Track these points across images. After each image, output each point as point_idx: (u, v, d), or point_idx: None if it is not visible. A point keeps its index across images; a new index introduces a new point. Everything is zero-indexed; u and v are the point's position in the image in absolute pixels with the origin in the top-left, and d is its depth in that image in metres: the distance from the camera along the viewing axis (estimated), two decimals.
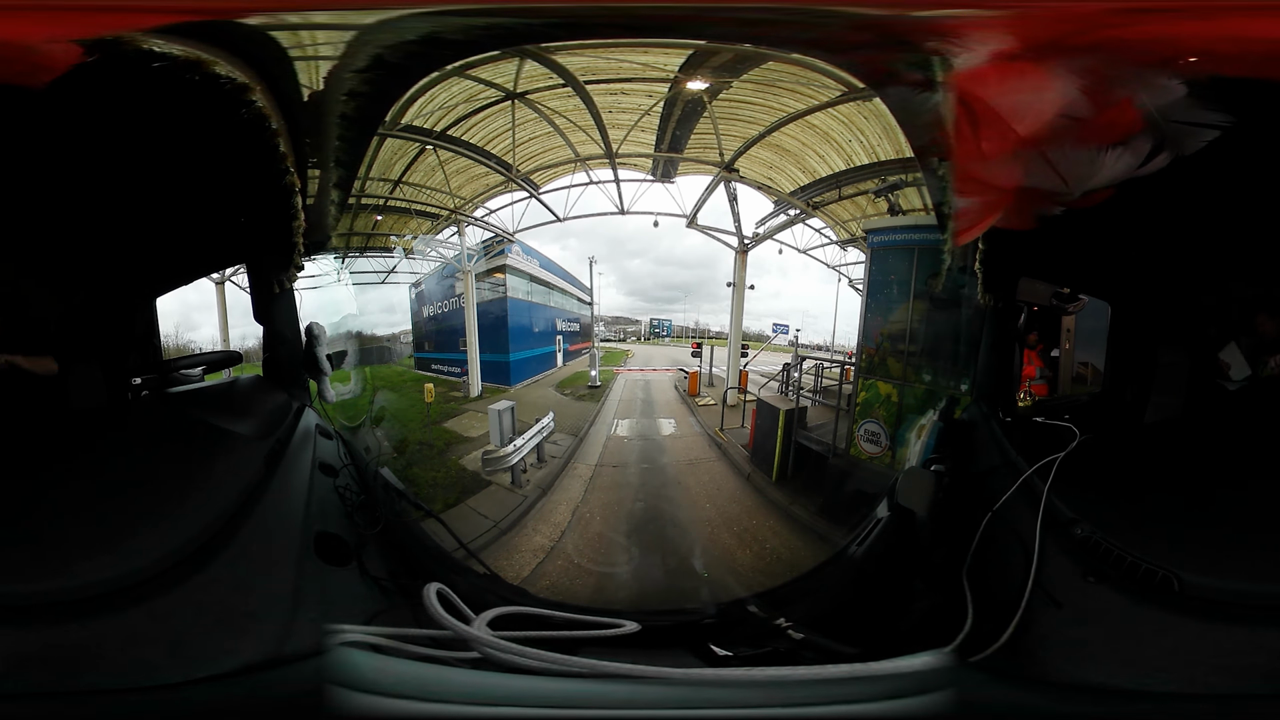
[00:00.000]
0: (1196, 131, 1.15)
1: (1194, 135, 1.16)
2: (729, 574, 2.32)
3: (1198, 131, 1.15)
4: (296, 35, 1.46)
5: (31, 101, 1.14)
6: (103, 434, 1.81)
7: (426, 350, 3.11)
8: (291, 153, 1.76)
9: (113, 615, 1.12)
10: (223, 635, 1.14)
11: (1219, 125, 1.14)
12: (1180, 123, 1.14)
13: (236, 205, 1.91)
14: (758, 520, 2.54)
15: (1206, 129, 1.15)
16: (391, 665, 1.16)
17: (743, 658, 1.63)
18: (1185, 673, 1.13)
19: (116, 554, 1.21)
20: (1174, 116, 1.14)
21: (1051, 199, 1.29)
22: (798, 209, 2.69)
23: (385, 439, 2.72)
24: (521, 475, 2.70)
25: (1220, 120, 1.14)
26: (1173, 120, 1.14)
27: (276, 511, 1.49)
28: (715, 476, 2.76)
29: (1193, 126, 1.15)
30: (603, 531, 2.48)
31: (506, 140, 2.53)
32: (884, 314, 2.57)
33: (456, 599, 1.43)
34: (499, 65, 2.18)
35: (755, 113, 2.37)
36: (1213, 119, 1.14)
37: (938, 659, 1.24)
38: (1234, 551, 1.31)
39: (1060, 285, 2.89)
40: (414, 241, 2.80)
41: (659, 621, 1.83)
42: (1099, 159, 1.21)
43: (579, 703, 1.13)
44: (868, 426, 2.57)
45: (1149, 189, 1.27)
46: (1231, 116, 1.13)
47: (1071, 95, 1.07)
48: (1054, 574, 1.38)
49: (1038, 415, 2.16)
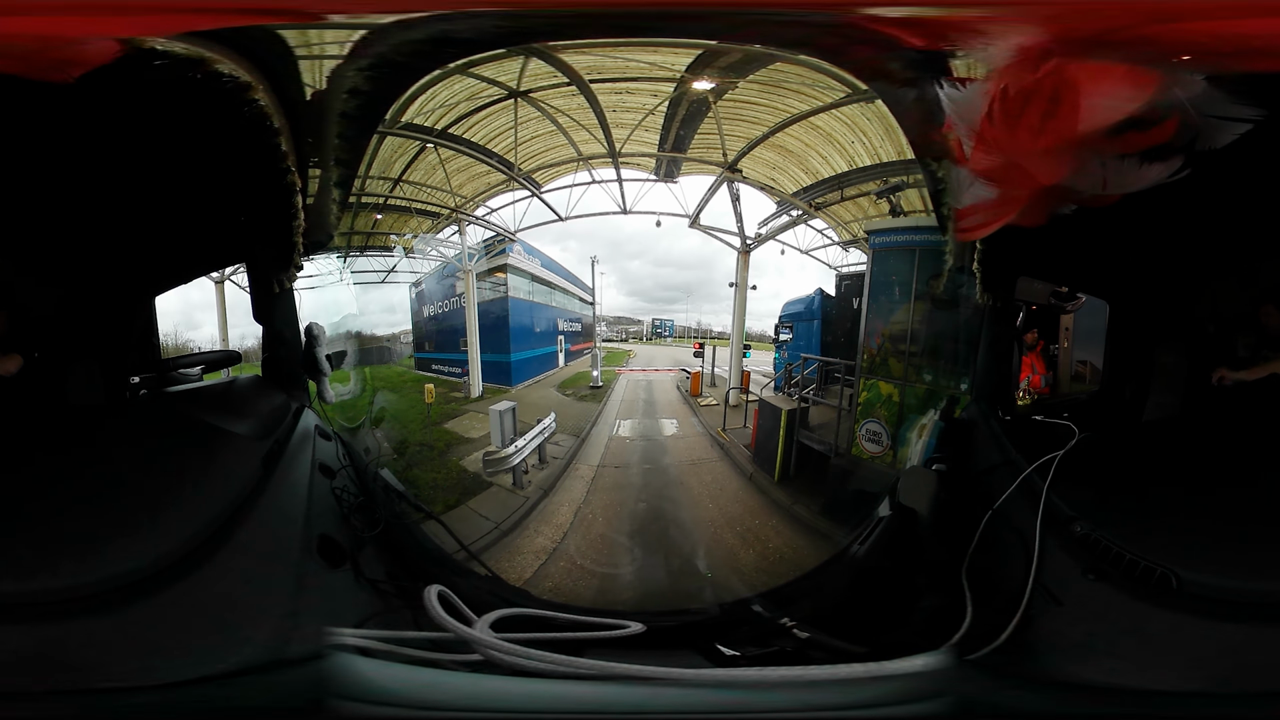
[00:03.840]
0: (1229, 125, 1.13)
1: (1226, 129, 1.14)
2: (733, 574, 2.32)
3: (1230, 125, 1.13)
4: (304, 34, 1.45)
5: (35, 101, 1.13)
6: (99, 432, 1.79)
7: (427, 350, 3.10)
8: (292, 151, 1.75)
9: (108, 615, 1.11)
10: (221, 636, 1.13)
11: (1254, 119, 1.12)
12: (1216, 117, 1.12)
13: (237, 204, 1.90)
14: (760, 520, 2.55)
15: (1239, 123, 1.12)
16: (391, 668, 1.15)
17: (750, 657, 1.63)
18: (1184, 670, 1.14)
19: (110, 554, 1.20)
20: (1207, 111, 1.12)
21: (1069, 198, 1.28)
22: (800, 210, 2.70)
23: (385, 440, 2.71)
24: (523, 476, 2.69)
25: (1254, 114, 1.11)
26: (1207, 115, 1.12)
27: (274, 513, 1.47)
28: (718, 477, 2.76)
29: (1227, 121, 1.12)
30: (605, 532, 2.47)
31: (508, 139, 2.53)
32: (885, 315, 2.57)
33: (458, 601, 1.41)
34: (502, 63, 2.18)
35: (759, 113, 2.38)
36: (1246, 113, 1.12)
37: (940, 658, 1.24)
38: (1232, 549, 1.33)
39: (1058, 284, 2.92)
40: (414, 240, 2.79)
41: (664, 622, 1.82)
42: (1135, 163, 1.20)
43: (586, 706, 1.12)
44: (869, 426, 2.58)
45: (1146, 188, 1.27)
46: (1264, 110, 1.11)
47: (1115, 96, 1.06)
48: (1054, 571, 1.38)
49: (1037, 414, 2.18)
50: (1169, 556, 1.30)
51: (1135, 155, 1.19)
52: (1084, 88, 1.07)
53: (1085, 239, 1.81)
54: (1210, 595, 1.23)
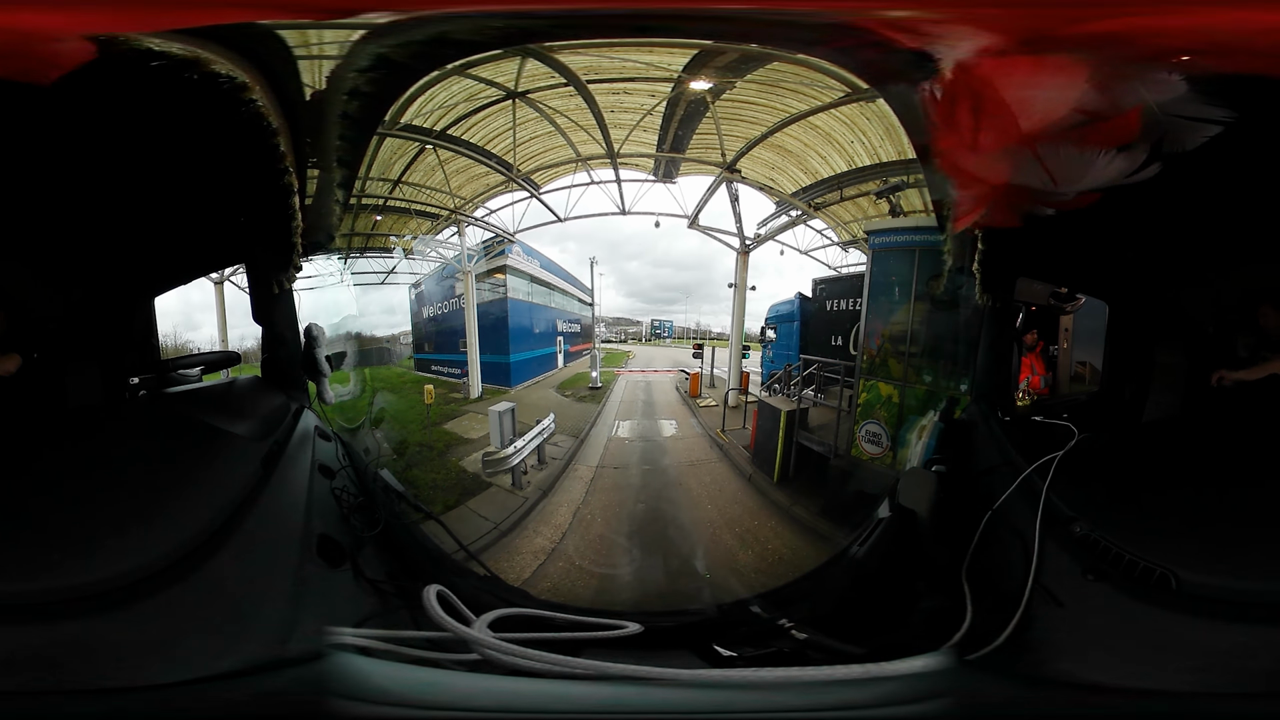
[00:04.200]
0: (1198, 127, 1.13)
1: (1195, 131, 1.14)
2: (731, 575, 2.32)
3: (1198, 127, 1.13)
4: (303, 35, 1.45)
5: (31, 99, 1.13)
6: (98, 433, 1.80)
7: (426, 351, 3.11)
8: (291, 152, 1.75)
9: (108, 615, 1.11)
10: (220, 636, 1.13)
11: (1221, 121, 1.11)
12: (1183, 118, 1.12)
13: (236, 205, 1.90)
14: (759, 521, 2.55)
15: (1208, 124, 1.12)
16: (391, 667, 1.15)
17: (748, 658, 1.62)
18: (1184, 670, 1.13)
19: (111, 554, 1.20)
20: (1176, 111, 1.11)
21: (1038, 199, 1.27)
22: (799, 210, 2.70)
23: (385, 441, 2.71)
24: (522, 477, 2.69)
25: (1223, 116, 1.11)
26: (1175, 115, 1.11)
27: (273, 513, 1.47)
28: (717, 478, 2.76)
29: (1194, 122, 1.12)
30: (604, 533, 2.47)
31: (507, 140, 2.53)
32: (885, 315, 2.57)
33: (457, 601, 1.42)
34: (500, 64, 2.18)
35: (758, 113, 2.38)
36: (1215, 114, 1.11)
37: (940, 659, 1.24)
38: (1232, 549, 1.32)
39: (1058, 285, 2.92)
40: (414, 242, 2.79)
41: (662, 623, 1.82)
42: (1093, 161, 1.19)
43: (583, 706, 1.13)
44: (869, 427, 2.58)
45: (1145, 188, 1.27)
46: (1233, 112, 1.10)
47: (1076, 92, 1.05)
48: (1054, 571, 1.38)
49: (1036, 414, 2.18)
50: (1169, 557, 1.30)
51: (1095, 153, 1.18)
52: (1002, 84, 1.06)
53: (1084, 239, 1.81)
54: (1210, 595, 1.23)
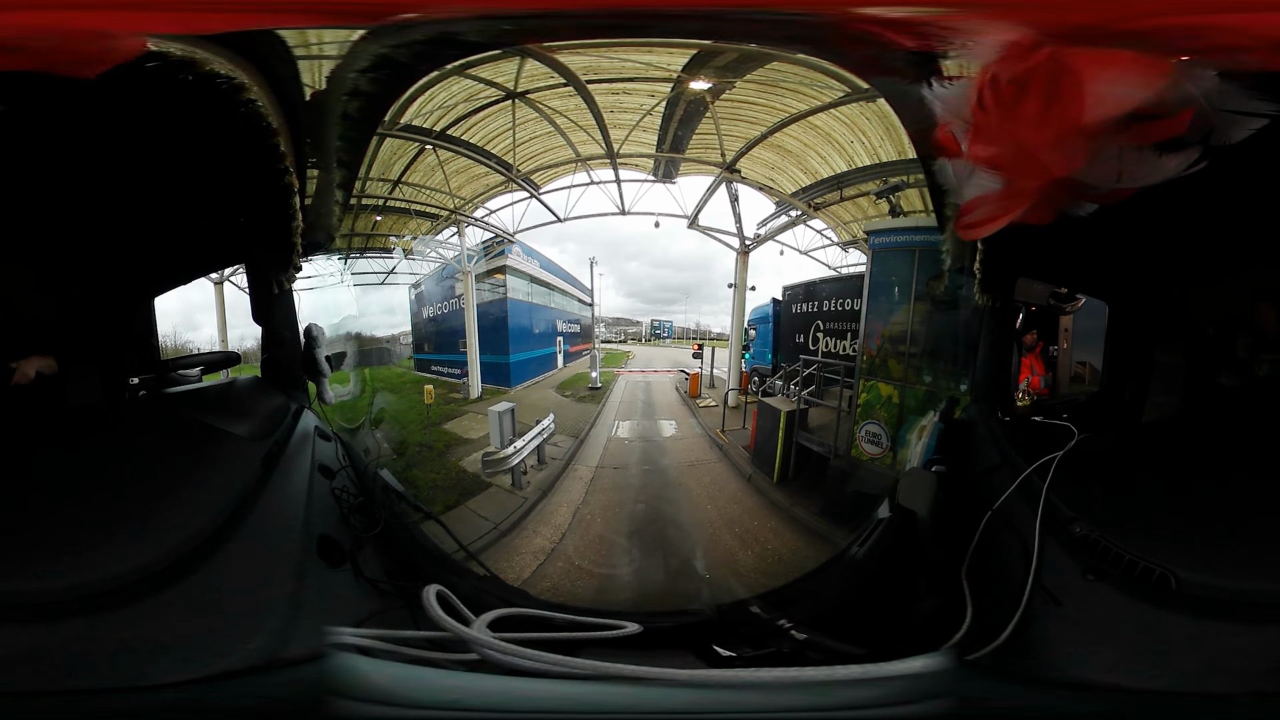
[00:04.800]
0: (1245, 120, 1.10)
1: (1241, 124, 1.10)
2: (731, 575, 2.32)
3: (1245, 120, 1.10)
4: (303, 35, 1.45)
5: (31, 99, 1.13)
6: (98, 433, 1.80)
7: (426, 351, 3.11)
8: (291, 152, 1.75)
9: (108, 615, 1.11)
10: (221, 636, 1.13)
11: (1271, 114, 1.08)
12: (1232, 112, 1.09)
13: (235, 205, 1.90)
14: (759, 521, 2.54)
15: (1256, 118, 1.09)
16: (390, 667, 1.16)
17: (746, 659, 1.62)
18: (1184, 670, 1.13)
19: (110, 554, 1.20)
20: (1224, 105, 1.08)
21: (1080, 193, 1.23)
22: (799, 210, 2.70)
23: (385, 441, 2.71)
24: (522, 477, 2.69)
25: (1271, 110, 1.08)
26: (1223, 110, 1.08)
27: (274, 513, 1.48)
28: (716, 478, 2.76)
29: (1243, 116, 1.09)
30: (604, 533, 2.47)
31: (507, 140, 2.53)
32: (885, 316, 2.57)
33: (456, 601, 1.42)
34: (499, 64, 2.18)
35: (758, 113, 2.38)
36: (1263, 108, 1.08)
37: (940, 659, 1.24)
38: (1230, 549, 1.32)
39: (1058, 285, 2.92)
40: (413, 242, 2.79)
41: (661, 623, 1.82)
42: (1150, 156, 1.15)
43: (582, 706, 1.13)
44: (869, 428, 2.58)
45: (1144, 188, 1.26)
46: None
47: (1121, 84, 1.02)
48: (1053, 572, 1.38)
49: (1036, 415, 2.17)
50: (1168, 557, 1.29)
51: (1149, 148, 1.15)
52: (1085, 74, 1.04)
53: (1084, 240, 1.81)
54: (1209, 595, 1.23)
